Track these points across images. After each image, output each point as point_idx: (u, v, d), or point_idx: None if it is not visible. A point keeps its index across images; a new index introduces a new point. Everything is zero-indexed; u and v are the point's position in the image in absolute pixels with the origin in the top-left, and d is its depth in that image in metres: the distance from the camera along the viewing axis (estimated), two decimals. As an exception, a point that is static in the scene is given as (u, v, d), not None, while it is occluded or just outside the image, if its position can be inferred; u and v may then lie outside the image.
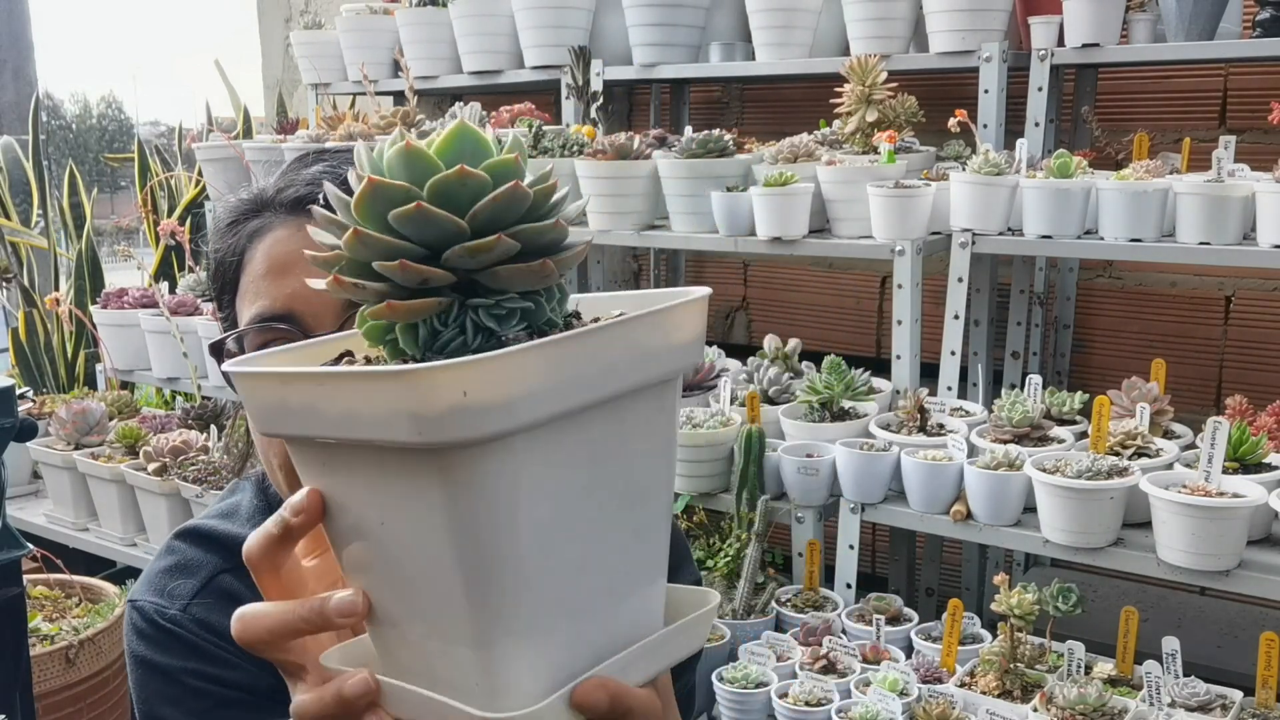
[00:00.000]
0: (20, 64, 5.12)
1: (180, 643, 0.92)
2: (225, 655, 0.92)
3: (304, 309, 0.86)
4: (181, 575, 0.95)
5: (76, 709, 2.54)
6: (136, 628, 0.94)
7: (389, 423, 0.50)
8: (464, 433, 0.50)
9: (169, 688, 0.92)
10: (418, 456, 0.51)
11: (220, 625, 0.91)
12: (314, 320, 0.86)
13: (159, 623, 0.93)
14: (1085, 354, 2.92)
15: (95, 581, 2.90)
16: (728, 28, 3.04)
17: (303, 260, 0.81)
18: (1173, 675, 1.79)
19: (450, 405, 0.49)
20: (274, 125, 3.93)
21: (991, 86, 2.48)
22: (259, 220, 0.91)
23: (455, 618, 0.55)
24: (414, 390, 0.49)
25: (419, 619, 0.57)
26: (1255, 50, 2.32)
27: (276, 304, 0.86)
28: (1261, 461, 1.93)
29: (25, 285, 3.87)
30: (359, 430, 0.52)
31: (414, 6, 3.32)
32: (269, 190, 0.92)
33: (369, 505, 0.56)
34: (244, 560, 0.61)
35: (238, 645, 0.80)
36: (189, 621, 0.92)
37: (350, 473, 0.56)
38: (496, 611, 0.54)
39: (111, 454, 2.89)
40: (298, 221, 0.88)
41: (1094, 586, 2.65)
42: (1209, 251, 2.08)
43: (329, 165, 0.92)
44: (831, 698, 1.90)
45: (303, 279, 0.79)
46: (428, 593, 0.55)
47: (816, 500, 2.18)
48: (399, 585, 0.57)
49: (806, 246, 2.43)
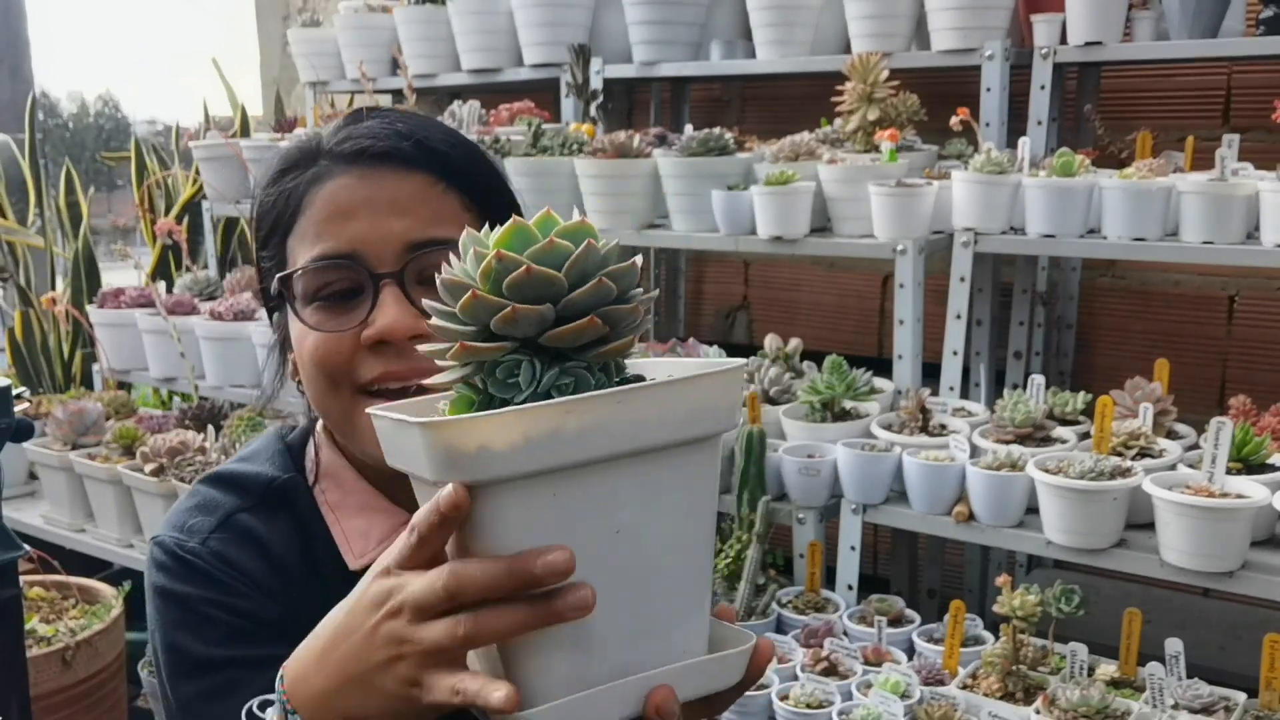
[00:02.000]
0: (17, 62, 5.11)
1: (197, 573, 0.96)
2: (239, 586, 0.96)
3: (366, 250, 0.93)
4: (201, 514, 1.00)
5: (73, 711, 2.53)
6: (157, 561, 0.99)
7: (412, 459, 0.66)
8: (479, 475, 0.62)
9: (185, 615, 0.95)
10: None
11: (235, 559, 0.96)
12: (376, 260, 0.93)
13: (178, 554, 0.97)
14: (1088, 354, 2.92)
15: (92, 583, 2.88)
16: (728, 25, 3.03)
17: (364, 206, 0.93)
18: (1176, 677, 1.78)
19: (465, 452, 0.61)
20: (272, 124, 3.92)
21: (994, 85, 2.48)
22: (317, 168, 0.97)
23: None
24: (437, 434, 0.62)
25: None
26: (1259, 48, 2.31)
27: (341, 244, 0.93)
28: (1265, 462, 1.92)
29: (21, 285, 3.86)
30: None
31: (412, 4, 3.31)
32: (326, 141, 0.98)
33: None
34: (413, 525, 0.67)
35: (250, 578, 0.94)
36: (207, 554, 0.96)
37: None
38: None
39: (108, 454, 2.87)
40: (358, 170, 0.95)
41: (1097, 588, 2.64)
42: (1212, 251, 2.07)
43: (381, 120, 0.97)
44: (833, 700, 1.89)
45: (365, 222, 0.92)
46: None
47: (818, 501, 2.17)
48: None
49: (807, 246, 2.42)
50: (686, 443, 0.66)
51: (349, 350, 0.93)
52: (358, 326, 0.93)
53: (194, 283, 3.31)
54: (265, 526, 0.99)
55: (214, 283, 3.34)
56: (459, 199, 0.97)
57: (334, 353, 0.93)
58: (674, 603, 0.69)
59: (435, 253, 0.91)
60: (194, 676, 0.94)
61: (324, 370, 0.94)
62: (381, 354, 0.92)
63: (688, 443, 0.66)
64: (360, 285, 0.93)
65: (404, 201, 0.94)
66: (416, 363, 0.89)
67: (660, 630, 0.68)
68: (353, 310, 0.93)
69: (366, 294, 0.93)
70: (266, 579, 0.97)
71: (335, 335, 0.93)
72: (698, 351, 2.52)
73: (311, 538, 1.00)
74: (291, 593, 0.97)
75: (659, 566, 0.68)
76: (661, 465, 0.66)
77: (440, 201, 0.96)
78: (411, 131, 0.96)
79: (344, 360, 0.93)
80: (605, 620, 0.65)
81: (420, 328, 0.90)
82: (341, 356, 0.93)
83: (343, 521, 1.01)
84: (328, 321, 0.94)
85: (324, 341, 0.93)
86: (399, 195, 0.94)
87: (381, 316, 0.91)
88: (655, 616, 0.68)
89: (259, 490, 1.01)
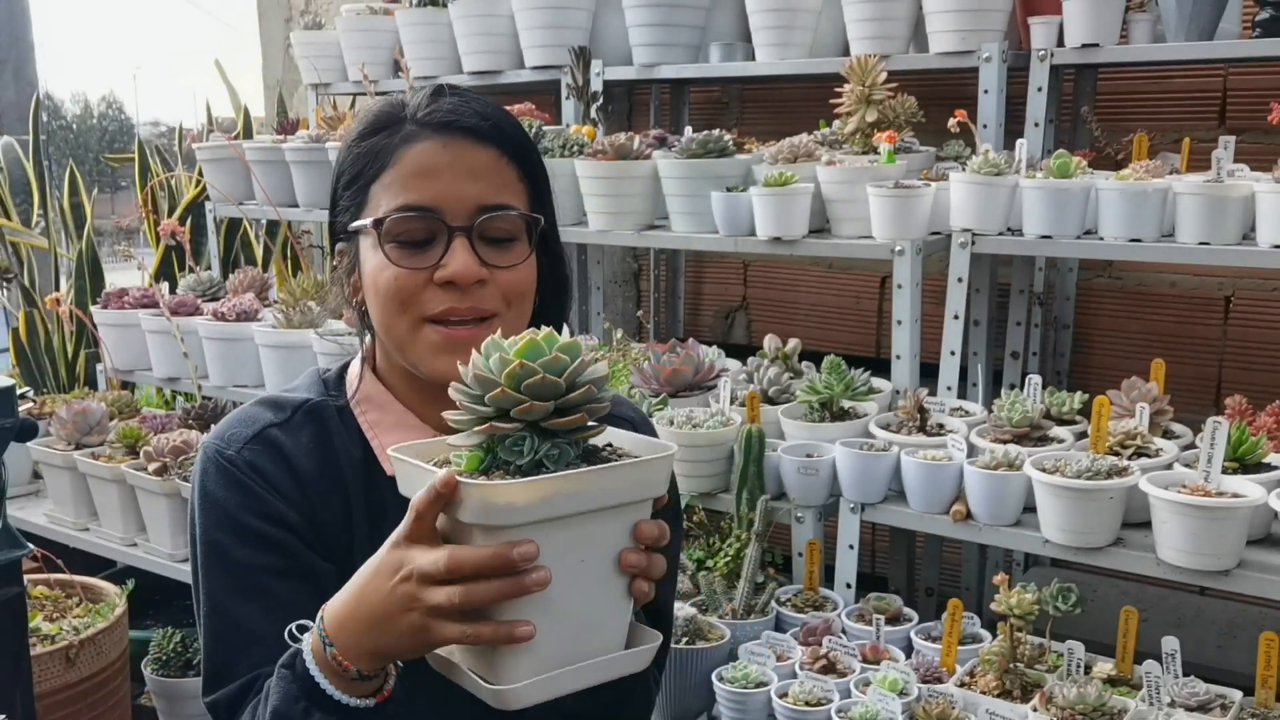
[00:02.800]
0: (21, 64, 5.12)
1: (234, 481, 1.15)
2: (267, 495, 1.14)
3: (445, 206, 1.11)
4: (242, 426, 1.19)
5: (76, 709, 2.54)
6: (202, 466, 1.18)
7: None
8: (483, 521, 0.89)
9: (223, 516, 1.14)
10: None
11: (264, 467, 1.15)
12: (451, 215, 1.11)
13: (219, 461, 1.16)
14: (1085, 354, 2.93)
15: (95, 581, 2.90)
16: (728, 28, 3.04)
17: (447, 169, 1.11)
18: (1172, 675, 1.79)
19: (475, 507, 0.89)
20: (274, 125, 3.93)
21: (991, 87, 2.49)
22: (405, 131, 1.14)
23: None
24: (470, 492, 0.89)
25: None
26: (1255, 50, 2.32)
27: (425, 198, 1.11)
28: (1261, 461, 1.93)
29: (26, 285, 3.88)
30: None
31: (414, 7, 3.32)
32: (415, 110, 1.15)
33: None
34: (413, 505, 0.91)
35: (275, 486, 1.14)
36: (241, 462, 1.15)
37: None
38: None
39: (112, 454, 2.88)
40: (442, 138, 1.13)
41: (1094, 586, 2.65)
42: (1208, 251, 2.08)
43: (462, 99, 1.16)
44: (831, 697, 1.90)
45: (445, 182, 1.11)
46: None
47: (816, 500, 2.18)
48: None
49: (806, 246, 2.43)
50: (633, 503, 0.94)
51: (421, 285, 1.12)
52: (430, 268, 1.11)
53: (197, 283, 3.32)
54: (291, 441, 1.18)
55: (217, 283, 3.36)
56: (517, 172, 1.16)
57: (408, 286, 1.11)
58: (608, 610, 0.96)
59: (499, 216, 1.13)
60: (229, 572, 1.13)
61: (398, 299, 1.12)
62: (448, 292, 1.11)
63: (633, 503, 0.95)
64: (435, 234, 1.12)
65: (478, 169, 1.13)
66: (475, 302, 1.12)
67: (598, 629, 0.96)
68: (427, 253, 1.12)
69: (440, 241, 1.12)
70: (288, 486, 1.15)
71: (411, 271, 1.11)
72: (697, 352, 2.53)
73: (335, 451, 1.18)
74: (310, 498, 1.15)
75: (602, 584, 0.95)
76: (613, 516, 0.94)
77: (505, 173, 1.15)
78: (488, 114, 1.16)
79: (415, 293, 1.11)
80: (563, 623, 0.93)
81: (482, 274, 1.11)
82: (414, 290, 1.11)
83: (381, 436, 1.19)
84: (406, 259, 1.12)
85: (402, 275, 1.12)
86: (475, 164, 1.13)
87: (453, 262, 1.10)
88: (596, 620, 0.95)
89: (290, 409, 1.20)
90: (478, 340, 1.04)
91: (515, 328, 1.11)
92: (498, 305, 1.13)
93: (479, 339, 1.04)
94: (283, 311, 2.90)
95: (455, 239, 1.11)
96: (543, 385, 0.90)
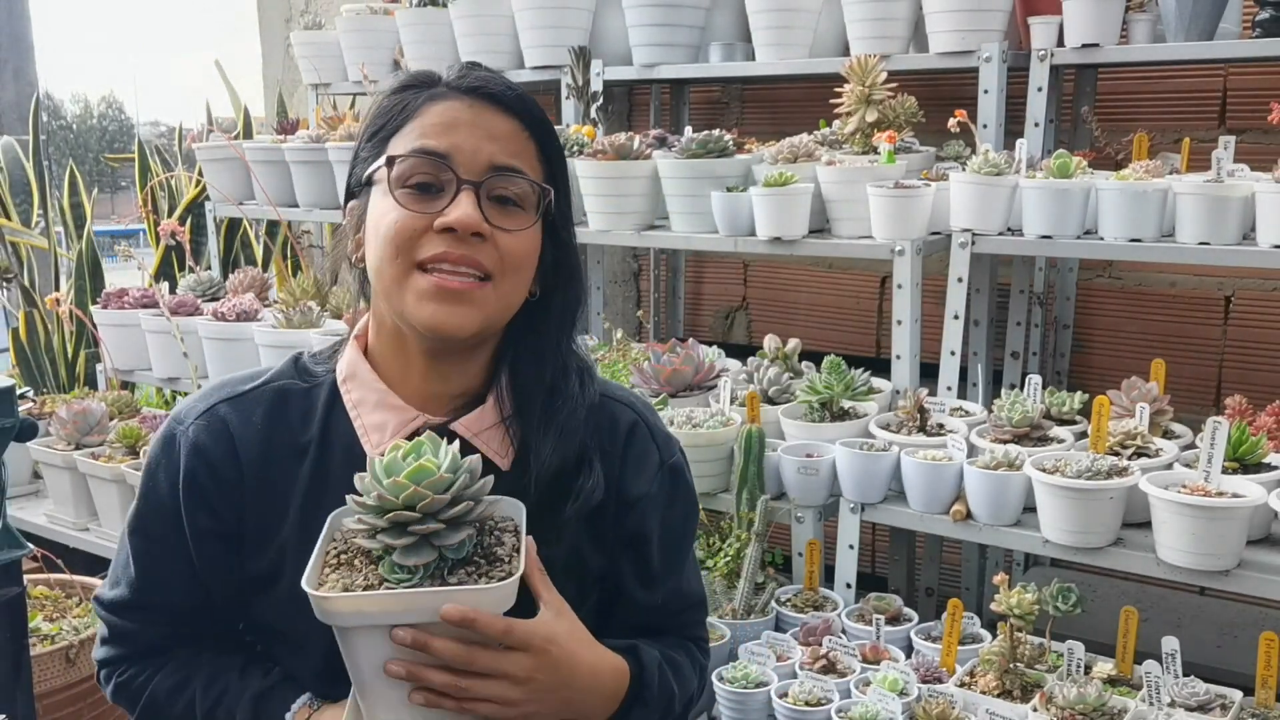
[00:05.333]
0: (21, 64, 5.12)
1: (171, 450, 1.20)
2: (203, 484, 1.17)
3: (458, 157, 1.12)
4: (198, 400, 1.23)
5: (77, 709, 2.54)
6: (159, 434, 1.23)
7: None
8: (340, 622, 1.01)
9: (151, 486, 1.20)
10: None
11: (206, 445, 1.18)
12: (463, 168, 1.12)
13: (165, 434, 1.21)
14: (1085, 354, 2.93)
15: (96, 581, 2.89)
16: (728, 28, 3.04)
17: (468, 125, 1.13)
18: (1172, 675, 1.79)
19: (338, 612, 1.00)
20: (274, 125, 3.93)
21: (991, 87, 2.49)
22: (435, 90, 1.16)
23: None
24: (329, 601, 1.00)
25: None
26: (1255, 50, 2.32)
27: (440, 145, 1.12)
28: (1261, 461, 1.93)
29: (26, 285, 3.88)
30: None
31: (414, 7, 3.32)
32: (446, 75, 1.18)
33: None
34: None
35: (212, 466, 1.17)
36: (185, 439, 1.19)
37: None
38: (369, 701, 1.05)
39: (112, 454, 2.88)
40: (469, 100, 1.14)
41: (1094, 586, 2.65)
42: (1208, 251, 2.09)
43: (488, 72, 1.18)
44: (831, 697, 1.90)
45: (464, 136, 1.12)
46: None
47: (816, 500, 2.19)
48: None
49: (806, 246, 2.43)
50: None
51: (421, 230, 1.11)
52: (434, 214, 1.11)
53: (197, 283, 3.32)
54: (239, 418, 1.20)
55: (217, 283, 3.36)
56: (536, 149, 1.17)
57: (408, 229, 1.11)
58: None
59: (510, 178, 1.13)
60: (149, 538, 1.21)
61: (394, 242, 1.11)
62: (445, 239, 1.10)
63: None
64: (445, 183, 1.12)
65: (498, 133, 1.14)
66: (470, 252, 1.10)
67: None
68: (434, 200, 1.12)
69: (449, 191, 1.11)
70: (225, 466, 1.18)
71: (414, 214, 1.11)
72: (697, 352, 2.53)
73: (288, 432, 1.20)
74: (245, 475, 1.18)
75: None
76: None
77: (524, 144, 1.16)
78: (516, 89, 1.18)
79: (414, 236, 1.11)
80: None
81: (482, 227, 1.10)
82: (414, 233, 1.11)
83: (364, 417, 1.19)
84: (412, 203, 1.12)
85: (404, 218, 1.11)
86: (496, 128, 1.14)
87: (456, 210, 1.10)
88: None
89: (244, 388, 1.23)
90: (468, 294, 1.10)
91: (508, 297, 1.15)
92: (493, 265, 1.11)
93: (470, 294, 1.10)
94: (283, 311, 2.90)
95: (463, 190, 1.11)
96: (432, 504, 1.00)
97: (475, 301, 1.10)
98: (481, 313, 1.11)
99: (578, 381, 1.21)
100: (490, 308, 1.12)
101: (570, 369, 1.21)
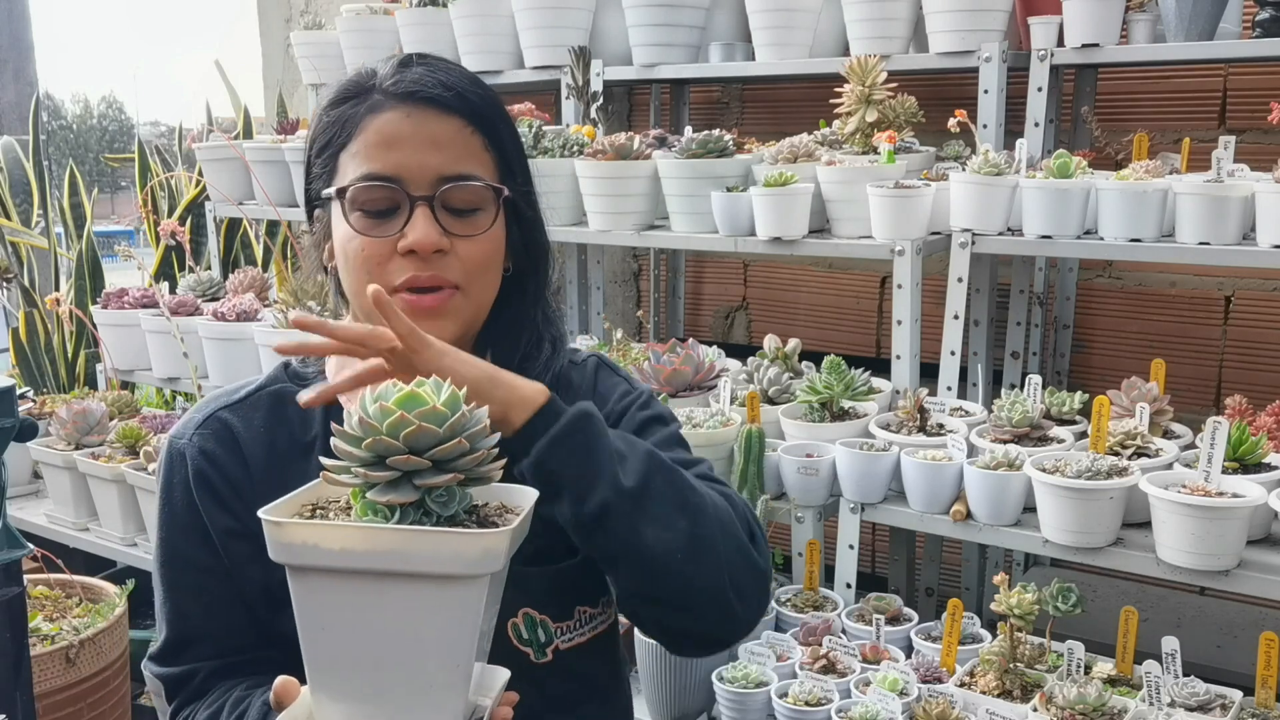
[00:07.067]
0: (21, 64, 5.12)
1: (182, 478, 1.19)
2: (212, 490, 1.17)
3: (407, 175, 1.12)
4: (194, 413, 1.24)
5: (77, 709, 2.54)
6: (164, 457, 1.22)
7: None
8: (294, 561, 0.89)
9: (173, 514, 1.19)
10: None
11: (213, 451, 1.19)
12: (413, 185, 1.12)
13: (170, 451, 1.21)
14: (1085, 354, 2.93)
15: (96, 581, 2.89)
16: (728, 28, 3.04)
17: (409, 139, 1.12)
18: (1172, 675, 1.79)
19: (291, 544, 0.88)
20: (274, 125, 3.93)
21: (991, 87, 2.49)
22: (371, 100, 1.15)
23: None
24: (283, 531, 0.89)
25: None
26: (1255, 50, 2.32)
27: (387, 168, 1.12)
28: (1261, 461, 1.93)
29: (26, 285, 3.88)
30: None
31: (414, 7, 3.32)
32: (381, 80, 1.16)
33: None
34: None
35: (222, 470, 1.18)
36: (193, 450, 1.19)
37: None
38: (311, 667, 0.92)
39: (112, 454, 2.88)
40: (405, 109, 1.14)
41: (1093, 586, 2.65)
42: (1208, 251, 2.08)
43: (428, 69, 1.16)
44: (831, 697, 1.90)
45: (408, 152, 1.12)
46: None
47: (816, 500, 2.19)
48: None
49: (806, 246, 2.43)
50: (453, 577, 0.87)
51: (387, 254, 1.13)
52: (395, 236, 1.12)
53: (197, 283, 3.32)
54: (242, 422, 1.21)
55: (217, 283, 3.36)
56: (482, 142, 1.16)
57: (374, 255, 1.13)
58: (439, 679, 0.90)
59: (461, 186, 1.14)
60: (174, 568, 1.20)
61: (365, 268, 1.13)
62: (410, 261, 1.12)
63: (453, 577, 0.87)
64: (398, 203, 1.13)
65: (441, 139, 1.14)
66: (437, 270, 1.12)
67: (426, 697, 0.90)
68: (390, 222, 1.13)
69: (403, 211, 1.13)
70: (234, 467, 1.18)
71: (376, 240, 1.13)
72: (697, 352, 2.53)
73: (289, 434, 1.21)
74: (255, 476, 1.18)
75: (428, 652, 0.89)
76: (437, 587, 0.87)
77: (469, 143, 1.15)
78: (452, 83, 1.16)
79: (381, 262, 1.13)
80: (384, 679, 0.89)
81: (442, 243, 1.12)
82: (380, 259, 1.13)
83: (349, 406, 1.16)
84: (372, 229, 1.13)
85: (368, 244, 1.13)
86: (438, 134, 1.14)
87: (413, 231, 1.11)
88: (423, 687, 0.89)
89: (239, 396, 1.24)
90: (441, 309, 1.12)
91: (479, 298, 1.17)
92: (460, 276, 1.13)
93: (443, 308, 1.12)
94: (283, 311, 2.90)
95: (417, 208, 1.12)
96: (420, 436, 0.87)
97: (449, 313, 1.13)
98: (457, 321, 1.14)
99: (550, 349, 1.25)
100: (465, 314, 1.15)
101: (544, 339, 1.25)
